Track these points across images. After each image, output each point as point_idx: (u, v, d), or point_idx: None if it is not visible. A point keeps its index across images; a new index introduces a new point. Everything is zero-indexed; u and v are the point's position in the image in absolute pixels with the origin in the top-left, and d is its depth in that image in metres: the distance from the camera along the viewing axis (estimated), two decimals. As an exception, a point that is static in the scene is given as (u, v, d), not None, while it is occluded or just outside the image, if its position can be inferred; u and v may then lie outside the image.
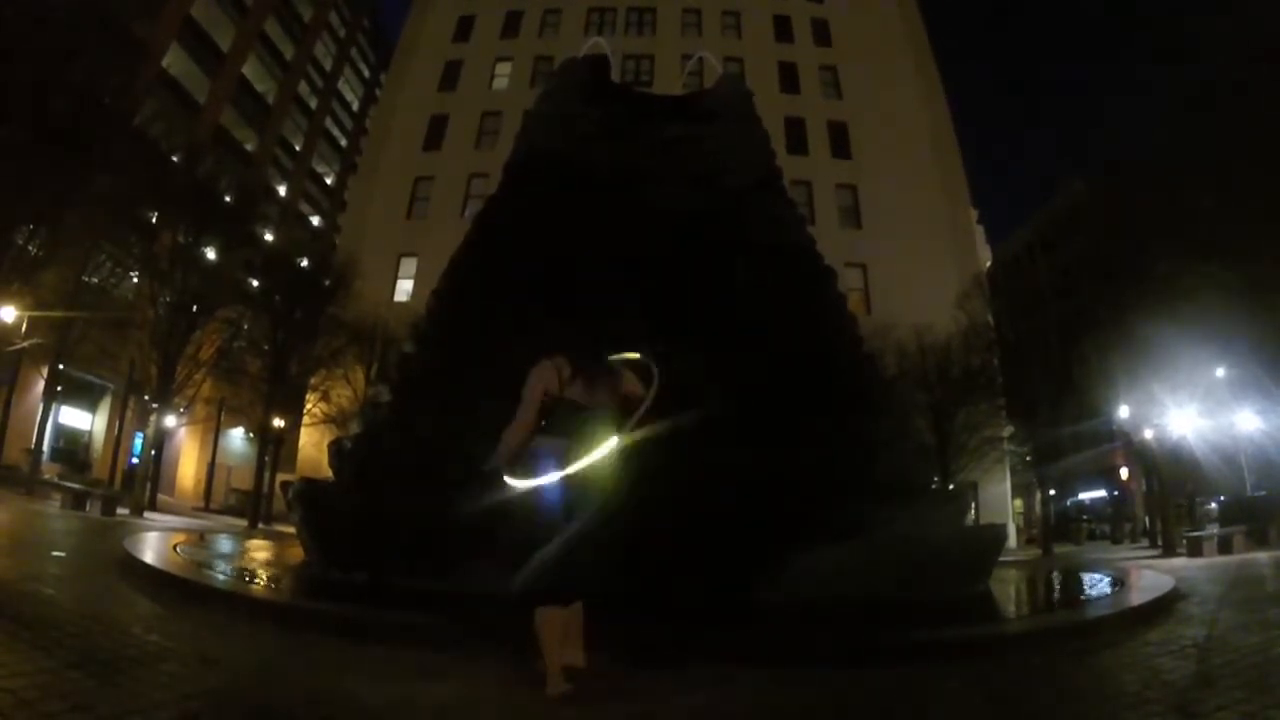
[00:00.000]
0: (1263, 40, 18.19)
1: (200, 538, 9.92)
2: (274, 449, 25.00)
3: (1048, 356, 23.40)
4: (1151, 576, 7.37)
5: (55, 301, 18.36)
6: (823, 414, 6.32)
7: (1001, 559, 7.78)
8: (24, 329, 17.87)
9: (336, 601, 4.85)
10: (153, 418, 20.92)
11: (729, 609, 4.85)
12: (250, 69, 38.46)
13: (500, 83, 34.85)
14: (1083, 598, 6.48)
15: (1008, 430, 24.59)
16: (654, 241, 7.07)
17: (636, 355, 3.34)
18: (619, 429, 3.02)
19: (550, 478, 2.99)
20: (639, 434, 3.03)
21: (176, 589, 4.93)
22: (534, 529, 3.06)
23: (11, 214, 16.42)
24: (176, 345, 20.37)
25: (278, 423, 24.73)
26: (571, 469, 2.95)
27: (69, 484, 18.15)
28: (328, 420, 24.01)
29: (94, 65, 18.15)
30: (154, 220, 22.66)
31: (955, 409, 22.80)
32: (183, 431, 28.93)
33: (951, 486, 20.89)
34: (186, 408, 22.93)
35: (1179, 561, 13.06)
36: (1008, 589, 7.18)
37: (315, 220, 46.74)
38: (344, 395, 23.97)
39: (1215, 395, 19.20)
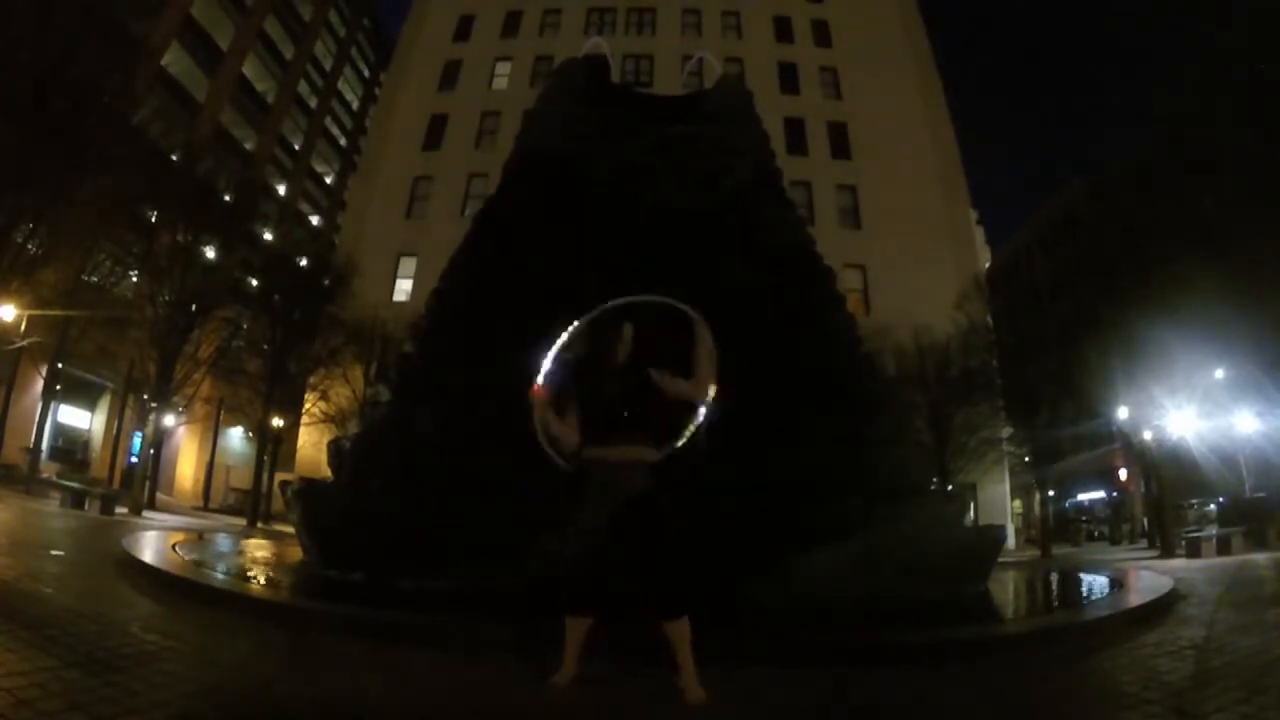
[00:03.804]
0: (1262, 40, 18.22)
1: (199, 537, 9.93)
2: (273, 448, 25.02)
3: (1047, 357, 23.38)
4: (1150, 578, 7.38)
5: (54, 300, 18.32)
6: (822, 414, 6.31)
7: (1000, 560, 7.79)
8: (23, 327, 17.86)
9: (335, 601, 4.85)
10: (152, 416, 20.90)
11: (728, 609, 4.85)
12: (250, 68, 38.43)
13: (500, 82, 34.81)
14: (1082, 599, 6.49)
15: (1006, 431, 24.57)
16: (653, 242, 7.06)
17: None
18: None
19: None
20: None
21: (175, 588, 4.94)
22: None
23: (11, 212, 16.39)
24: (175, 344, 20.35)
25: (277, 422, 24.73)
26: None
27: (68, 483, 18.12)
28: (327, 419, 24.01)
29: (94, 64, 18.10)
30: (153, 219, 22.63)
31: (954, 410, 22.81)
32: (182, 430, 28.91)
33: (950, 487, 20.91)
34: (185, 407, 22.92)
35: (1178, 563, 13.05)
36: (1007, 590, 7.19)
37: (315, 220, 46.68)
38: (343, 394, 23.96)
39: (1214, 397, 19.20)
